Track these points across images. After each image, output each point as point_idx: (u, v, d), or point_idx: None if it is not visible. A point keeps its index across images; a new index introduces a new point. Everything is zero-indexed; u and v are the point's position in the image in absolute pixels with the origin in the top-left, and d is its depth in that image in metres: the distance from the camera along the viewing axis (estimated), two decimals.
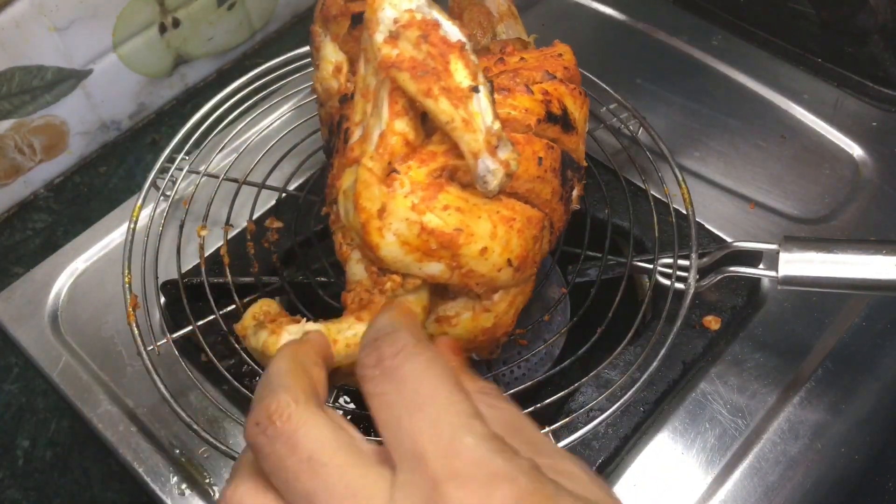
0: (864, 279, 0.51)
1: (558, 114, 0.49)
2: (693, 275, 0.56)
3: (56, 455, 0.60)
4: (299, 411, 0.32)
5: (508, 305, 0.50)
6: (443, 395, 0.32)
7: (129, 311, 0.57)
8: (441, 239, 0.42)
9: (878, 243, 0.52)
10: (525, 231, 0.46)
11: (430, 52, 0.40)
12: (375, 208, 0.42)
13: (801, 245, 0.53)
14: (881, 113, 0.75)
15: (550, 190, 0.49)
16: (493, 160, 0.41)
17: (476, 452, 0.30)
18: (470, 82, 0.41)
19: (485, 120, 0.41)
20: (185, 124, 0.67)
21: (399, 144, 0.42)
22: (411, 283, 0.45)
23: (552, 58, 0.53)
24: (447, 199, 0.42)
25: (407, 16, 0.41)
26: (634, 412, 0.57)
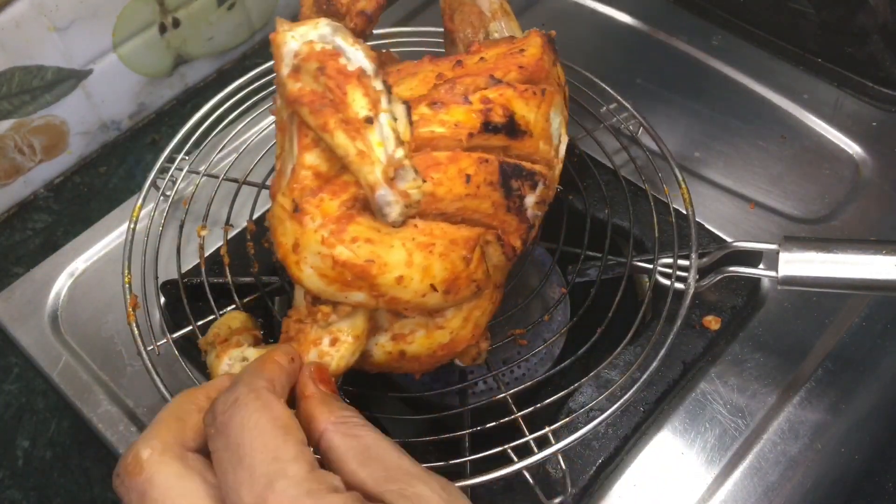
0: (864, 279, 0.51)
1: (501, 121, 0.47)
2: (693, 275, 0.56)
3: (56, 455, 0.60)
4: (151, 462, 0.35)
5: (464, 321, 0.49)
6: (261, 445, 0.34)
7: (129, 311, 0.57)
8: (353, 270, 0.42)
9: (878, 243, 0.52)
10: (449, 254, 0.44)
11: (327, 83, 0.40)
12: (290, 243, 0.42)
13: (800, 245, 0.53)
14: (881, 113, 0.75)
15: (490, 204, 0.47)
16: (391, 192, 0.40)
17: (286, 497, 0.32)
18: (366, 112, 0.40)
19: (386, 149, 0.40)
20: (185, 124, 0.67)
21: (309, 178, 0.42)
22: (343, 310, 0.45)
23: (511, 55, 0.51)
24: (356, 231, 0.42)
25: (306, 48, 0.40)
26: (634, 412, 0.57)
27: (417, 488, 0.35)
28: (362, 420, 0.39)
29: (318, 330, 0.45)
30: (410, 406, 0.64)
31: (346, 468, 0.36)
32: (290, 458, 0.34)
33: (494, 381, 0.60)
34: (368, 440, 0.37)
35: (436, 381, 0.61)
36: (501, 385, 0.56)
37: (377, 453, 0.37)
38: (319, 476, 0.33)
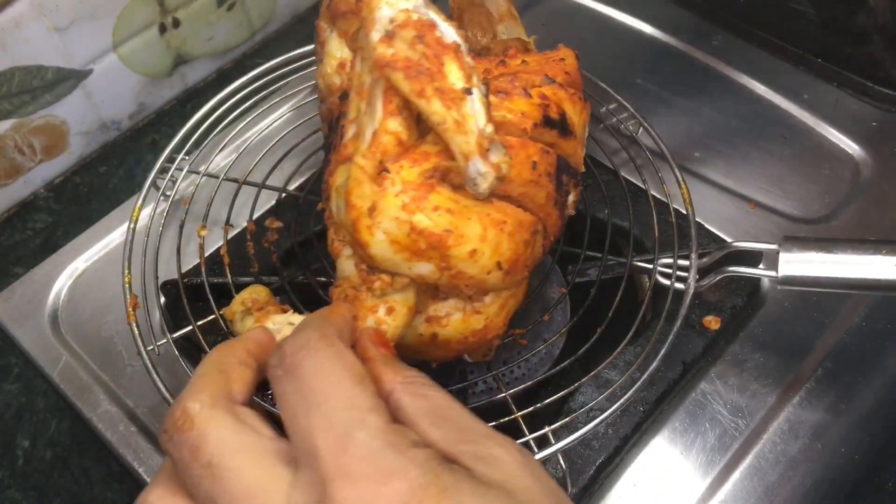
0: (863, 279, 0.51)
1: (556, 118, 0.49)
2: (693, 275, 0.56)
3: (56, 455, 0.60)
4: (202, 417, 0.33)
5: (500, 308, 0.50)
6: (339, 391, 0.32)
7: (129, 311, 0.57)
8: (430, 239, 0.42)
9: (877, 243, 0.52)
10: (516, 234, 0.46)
11: (424, 52, 0.40)
12: (366, 206, 0.42)
13: (800, 245, 0.53)
14: (881, 113, 0.75)
15: (545, 194, 0.48)
16: (483, 163, 0.41)
17: (366, 448, 0.30)
18: (463, 84, 0.41)
19: (477, 122, 0.41)
20: (185, 124, 0.67)
21: (391, 144, 0.42)
22: (400, 282, 0.45)
23: (554, 62, 0.53)
24: (437, 200, 0.42)
25: (403, 16, 0.41)
26: (634, 412, 0.57)
27: (493, 450, 0.33)
28: (430, 380, 0.37)
29: (372, 299, 0.45)
30: None
31: (416, 428, 0.34)
32: (367, 407, 0.32)
33: (494, 381, 0.60)
34: (438, 401, 0.36)
35: (436, 381, 0.61)
36: (501, 385, 0.56)
37: (448, 414, 0.35)
38: (399, 429, 0.32)
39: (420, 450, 0.31)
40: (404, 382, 0.36)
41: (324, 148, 0.60)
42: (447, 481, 0.30)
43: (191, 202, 0.66)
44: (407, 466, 0.30)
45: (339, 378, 0.33)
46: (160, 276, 0.61)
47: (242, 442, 0.32)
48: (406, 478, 0.30)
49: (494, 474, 0.32)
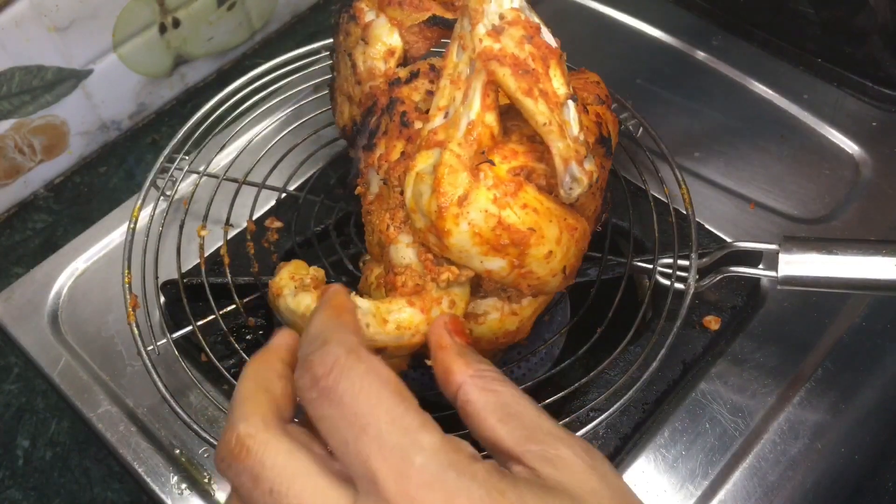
0: (863, 279, 0.52)
1: (607, 137, 0.50)
2: (693, 275, 0.56)
3: (56, 455, 0.60)
4: (257, 443, 0.32)
5: (533, 312, 0.50)
6: (384, 413, 0.31)
7: (129, 311, 0.57)
8: (514, 236, 0.43)
9: (877, 243, 0.52)
10: (581, 242, 0.47)
11: (532, 53, 0.41)
12: (457, 195, 0.42)
13: (800, 245, 0.53)
14: (881, 113, 0.75)
15: (594, 207, 0.50)
16: (580, 169, 0.42)
17: (427, 473, 0.30)
18: (566, 91, 0.41)
19: (573, 129, 0.41)
20: (185, 124, 0.67)
21: (487, 136, 0.43)
22: (465, 274, 0.45)
23: (592, 83, 0.54)
24: (527, 198, 0.43)
25: (513, 14, 0.41)
26: (634, 412, 0.57)
27: (560, 450, 0.33)
28: (500, 375, 0.37)
29: (436, 290, 0.45)
30: None
31: (484, 424, 0.34)
32: (416, 426, 0.31)
33: None
34: (507, 396, 0.35)
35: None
36: None
37: (516, 410, 0.35)
38: (455, 445, 0.31)
39: (479, 464, 0.31)
40: (475, 376, 0.36)
41: (347, 132, 0.59)
42: (513, 497, 0.30)
43: (191, 202, 0.66)
44: (469, 487, 0.30)
45: (380, 397, 0.32)
46: (160, 277, 0.61)
47: (299, 465, 0.32)
48: (470, 498, 0.30)
49: (560, 476, 0.32)
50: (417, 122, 0.49)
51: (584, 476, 0.32)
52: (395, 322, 0.44)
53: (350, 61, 0.56)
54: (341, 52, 0.57)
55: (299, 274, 0.49)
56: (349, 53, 0.56)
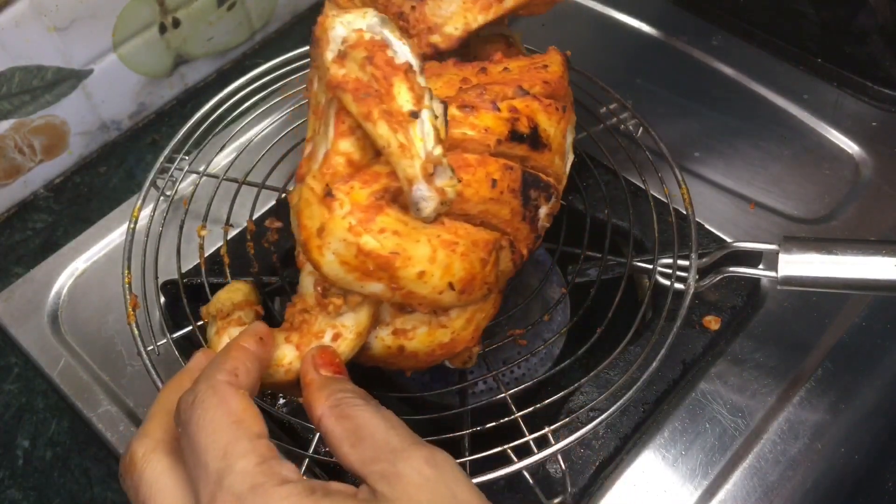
0: (863, 279, 0.51)
1: (525, 132, 0.48)
2: (693, 275, 0.56)
3: (56, 455, 0.60)
4: (142, 462, 0.37)
5: (466, 322, 0.50)
6: (214, 442, 0.35)
7: (128, 311, 0.57)
8: (377, 261, 0.42)
9: (877, 243, 0.52)
10: (470, 255, 0.45)
11: (374, 73, 0.40)
12: (315, 227, 0.42)
13: (800, 245, 0.53)
14: (881, 113, 0.75)
15: (509, 210, 0.48)
16: (428, 187, 0.41)
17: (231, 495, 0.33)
18: (411, 107, 0.40)
19: (426, 145, 0.40)
20: (185, 124, 0.67)
21: (342, 165, 0.42)
22: (353, 300, 0.45)
23: (535, 69, 0.52)
24: (385, 222, 0.42)
25: (355, 35, 0.40)
26: (634, 412, 0.57)
27: (398, 467, 0.35)
28: (358, 398, 0.39)
29: (322, 321, 0.45)
30: (410, 406, 0.64)
31: (339, 451, 0.37)
32: (239, 453, 0.34)
33: (494, 382, 0.60)
34: (360, 420, 0.38)
35: (436, 381, 0.61)
36: (501, 385, 0.56)
37: (368, 432, 0.37)
38: (268, 468, 0.34)
39: (283, 487, 0.33)
40: (332, 406, 0.39)
41: None
42: None
43: (191, 202, 0.66)
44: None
45: (217, 428, 0.36)
46: (160, 277, 0.61)
47: (167, 483, 0.36)
48: None
49: (392, 492, 0.35)
50: None
51: (414, 489, 0.35)
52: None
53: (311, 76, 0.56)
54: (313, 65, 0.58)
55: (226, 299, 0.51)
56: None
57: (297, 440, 0.59)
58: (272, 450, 0.35)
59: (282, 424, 0.59)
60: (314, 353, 0.43)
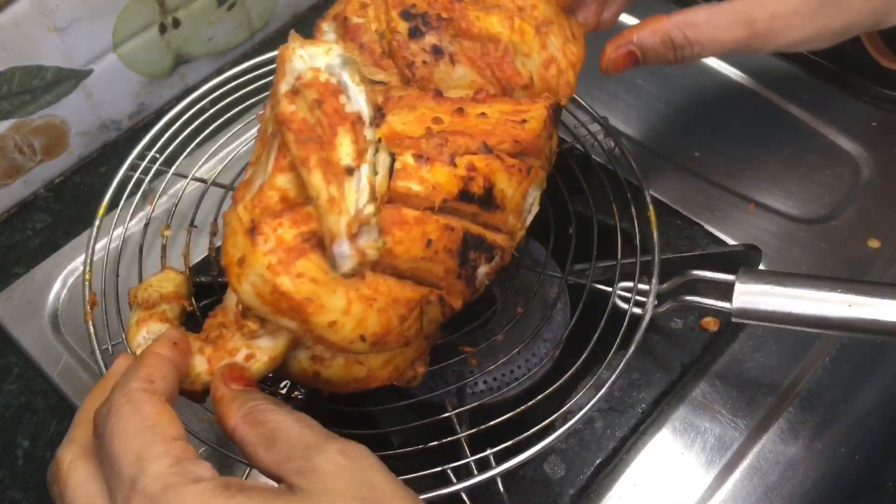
0: (816, 316, 0.50)
1: (478, 193, 0.46)
2: (651, 300, 0.55)
3: None
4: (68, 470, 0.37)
5: (384, 363, 0.49)
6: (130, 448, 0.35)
7: (86, 309, 0.57)
8: (290, 303, 0.42)
9: (833, 281, 0.51)
10: (388, 311, 0.44)
11: (320, 119, 0.39)
12: (237, 256, 0.42)
13: (757, 278, 0.52)
14: (881, 113, 0.75)
15: (443, 269, 0.46)
16: (349, 245, 0.40)
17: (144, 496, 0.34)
18: (350, 161, 0.39)
19: (358, 202, 0.39)
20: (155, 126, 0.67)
21: (275, 200, 0.42)
22: (270, 327, 0.45)
23: (511, 123, 0.49)
24: (304, 267, 0.41)
25: (311, 74, 0.39)
26: (632, 413, 0.57)
27: (313, 461, 0.36)
28: (271, 405, 0.40)
29: (238, 340, 0.45)
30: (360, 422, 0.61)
31: (255, 457, 0.38)
32: (152, 456, 0.35)
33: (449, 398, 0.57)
34: (273, 423, 0.38)
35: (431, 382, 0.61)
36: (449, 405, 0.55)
37: (282, 434, 0.38)
38: (181, 469, 0.34)
39: (198, 485, 0.34)
40: (244, 415, 0.39)
41: None
42: None
43: (156, 201, 0.66)
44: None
45: (130, 434, 0.36)
46: (120, 275, 0.61)
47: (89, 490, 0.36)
48: None
49: (309, 483, 0.35)
50: None
51: (329, 479, 0.35)
52: None
53: None
54: None
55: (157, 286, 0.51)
56: None
57: None
58: (188, 451, 0.36)
59: None
60: (223, 370, 0.44)
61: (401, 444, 0.58)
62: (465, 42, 0.51)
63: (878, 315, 0.49)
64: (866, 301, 0.49)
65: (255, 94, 0.70)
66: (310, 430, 0.38)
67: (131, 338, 0.48)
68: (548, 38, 0.53)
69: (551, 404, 0.55)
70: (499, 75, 0.51)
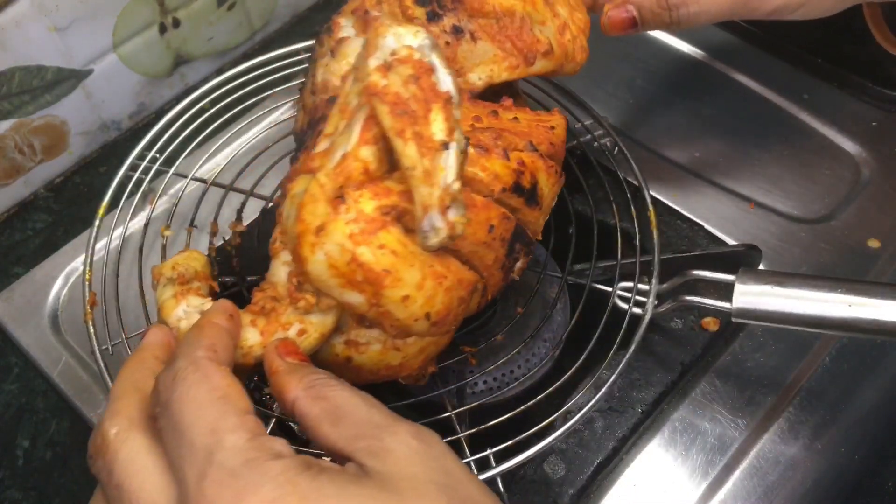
0: (816, 316, 0.50)
1: (527, 187, 0.48)
2: (651, 300, 0.55)
3: (56, 455, 0.60)
4: (117, 441, 0.35)
5: (419, 351, 0.49)
6: (202, 418, 0.34)
7: (86, 309, 0.56)
8: (368, 274, 0.42)
9: (834, 281, 0.51)
10: (453, 291, 0.45)
11: (415, 94, 0.40)
12: (315, 224, 0.42)
13: (757, 278, 0.52)
14: (881, 113, 0.75)
15: (493, 257, 0.48)
16: (440, 218, 0.41)
17: (223, 470, 0.32)
18: (443, 137, 0.40)
19: (447, 177, 0.40)
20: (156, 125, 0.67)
21: (358, 171, 0.42)
22: (325, 303, 0.45)
23: (544, 128, 0.52)
24: (385, 239, 0.42)
25: (405, 51, 0.40)
26: (632, 413, 0.57)
27: (385, 441, 0.35)
28: (333, 381, 0.38)
29: (291, 314, 0.45)
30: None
31: (319, 432, 0.36)
32: (228, 428, 0.33)
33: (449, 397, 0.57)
34: (338, 399, 0.37)
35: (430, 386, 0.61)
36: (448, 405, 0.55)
37: (347, 411, 0.36)
38: (259, 444, 0.33)
39: (279, 461, 0.32)
40: (305, 389, 0.38)
41: (295, 138, 0.59)
42: (306, 489, 0.32)
43: (156, 201, 0.66)
44: (260, 481, 0.31)
45: (201, 404, 0.34)
46: (120, 275, 0.61)
47: (145, 463, 0.34)
48: (258, 493, 0.31)
49: (382, 466, 0.34)
50: None
51: (405, 462, 0.34)
52: None
53: (312, 70, 0.56)
54: (312, 61, 0.58)
55: (183, 265, 0.50)
56: (314, 62, 0.56)
57: None
58: (260, 425, 0.34)
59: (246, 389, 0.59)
60: (276, 343, 0.43)
61: None
62: (480, 20, 0.53)
63: (878, 315, 0.49)
64: (866, 301, 0.49)
65: (255, 94, 0.71)
66: (377, 410, 0.37)
67: (168, 312, 0.47)
68: (556, 8, 0.55)
69: (551, 404, 0.55)
70: (519, 45, 0.53)
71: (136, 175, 0.66)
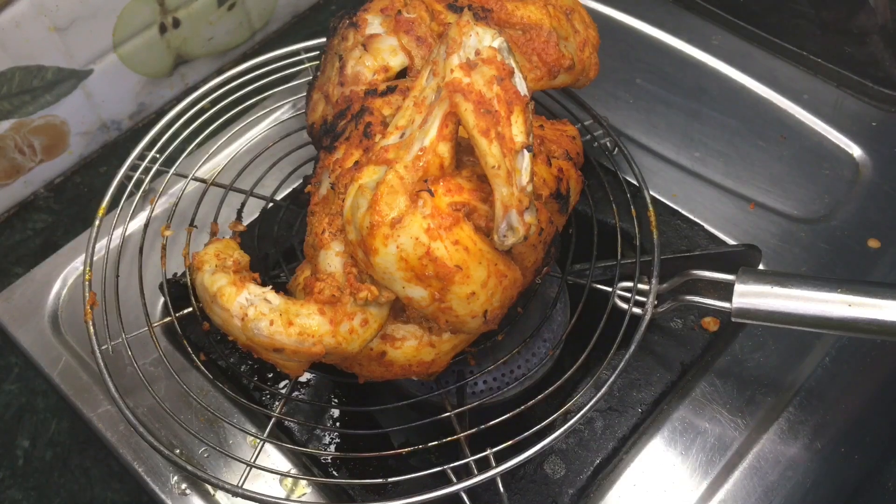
0: (816, 315, 0.50)
1: (564, 194, 0.50)
2: (651, 300, 0.55)
3: (56, 455, 0.60)
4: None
5: (451, 348, 0.50)
6: None
7: (86, 308, 0.57)
8: (440, 269, 0.42)
9: (833, 281, 0.51)
10: (509, 290, 0.46)
11: (499, 95, 0.41)
12: (391, 216, 0.42)
13: (756, 278, 0.52)
14: (881, 113, 0.75)
15: (534, 259, 0.49)
16: (519, 219, 0.41)
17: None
18: (524, 139, 0.41)
19: (522, 179, 0.41)
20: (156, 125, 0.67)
21: (435, 165, 0.43)
22: (386, 296, 0.45)
23: (567, 138, 0.53)
24: (460, 235, 0.42)
25: (489, 52, 0.41)
26: (632, 413, 0.57)
27: None
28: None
29: (353, 305, 0.45)
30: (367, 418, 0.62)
31: None
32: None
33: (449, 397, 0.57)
34: None
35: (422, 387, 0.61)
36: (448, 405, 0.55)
37: None
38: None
39: None
40: None
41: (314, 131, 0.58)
42: None
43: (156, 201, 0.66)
44: None
45: None
46: (121, 275, 0.61)
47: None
48: None
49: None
50: (378, 135, 0.49)
51: None
52: (300, 326, 0.44)
53: (339, 62, 0.56)
54: (331, 54, 0.58)
55: (225, 254, 0.50)
56: (340, 55, 0.56)
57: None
58: None
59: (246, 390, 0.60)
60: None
61: (401, 444, 0.58)
62: (509, 31, 0.54)
63: (878, 315, 0.49)
64: (866, 301, 0.49)
65: (255, 94, 0.71)
66: None
67: (230, 299, 0.46)
68: (574, 24, 0.57)
69: (551, 404, 0.55)
70: (545, 58, 0.55)
71: (137, 175, 0.66)
